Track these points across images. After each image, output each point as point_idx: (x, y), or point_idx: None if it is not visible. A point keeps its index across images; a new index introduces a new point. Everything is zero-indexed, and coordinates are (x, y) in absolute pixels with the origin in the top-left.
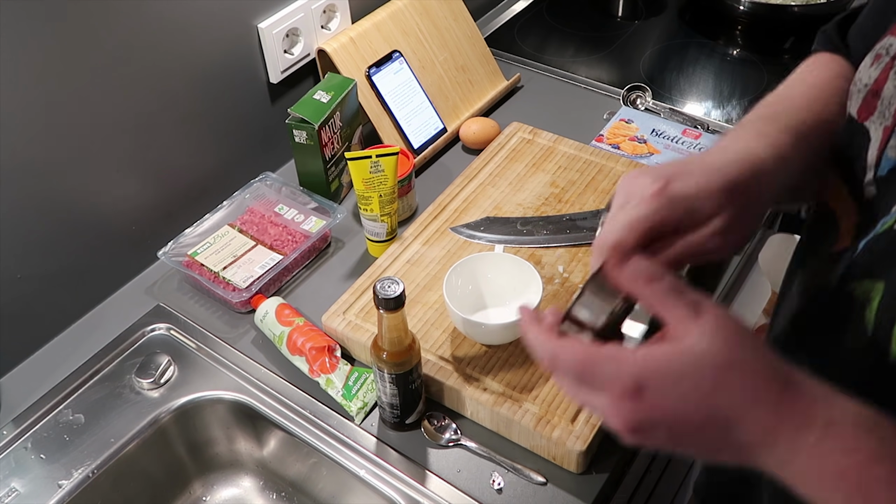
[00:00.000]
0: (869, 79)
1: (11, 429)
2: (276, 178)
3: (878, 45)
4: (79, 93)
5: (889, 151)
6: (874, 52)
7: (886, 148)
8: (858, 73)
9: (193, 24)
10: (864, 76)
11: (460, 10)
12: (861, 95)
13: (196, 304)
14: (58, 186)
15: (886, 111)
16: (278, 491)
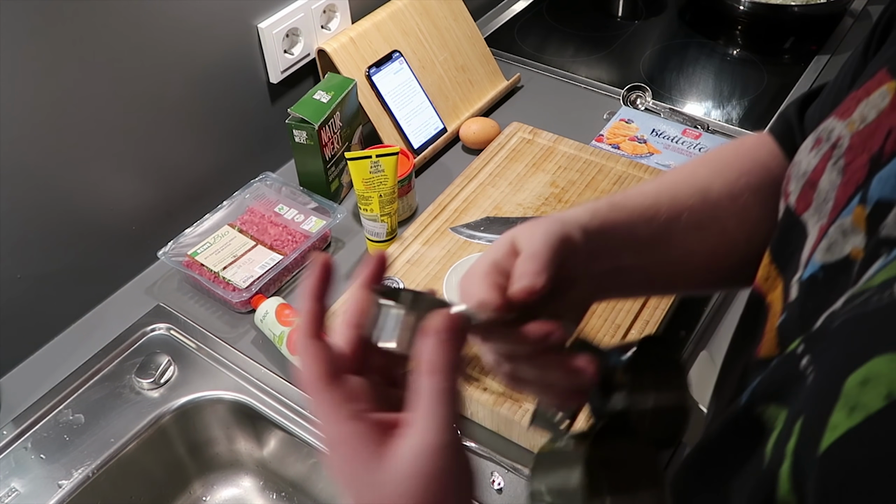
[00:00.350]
0: (808, 166)
1: (11, 429)
2: (276, 178)
3: (820, 126)
4: (79, 93)
5: (817, 254)
6: (816, 135)
7: (815, 250)
8: (798, 155)
9: (193, 24)
10: (803, 162)
11: (460, 10)
12: (799, 184)
13: (196, 304)
14: (58, 186)
15: (823, 208)
16: (278, 491)
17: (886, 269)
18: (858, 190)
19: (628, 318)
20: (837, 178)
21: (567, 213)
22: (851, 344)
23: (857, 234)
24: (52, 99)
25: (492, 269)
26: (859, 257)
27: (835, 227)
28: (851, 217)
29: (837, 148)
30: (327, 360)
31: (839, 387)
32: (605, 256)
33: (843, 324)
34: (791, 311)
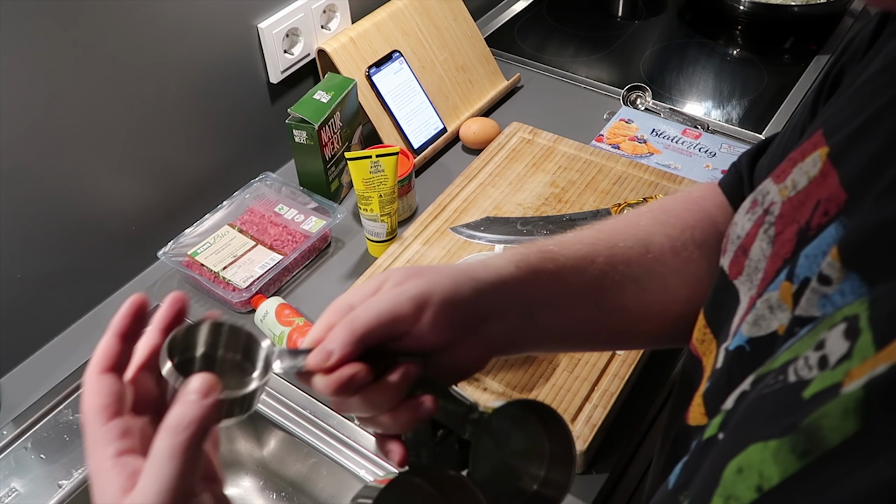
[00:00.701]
0: (742, 230)
1: (11, 429)
2: (276, 178)
3: (758, 188)
4: (79, 93)
5: (744, 326)
6: (752, 197)
7: (743, 322)
8: (736, 215)
9: (193, 24)
10: (738, 224)
11: (460, 10)
12: (733, 248)
13: (196, 304)
14: (58, 186)
15: (753, 277)
16: (278, 491)
17: (790, 349)
18: (786, 264)
19: (595, 373)
20: (768, 247)
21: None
22: (737, 430)
23: (784, 311)
24: (52, 99)
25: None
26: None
27: (762, 301)
28: (778, 292)
29: (769, 214)
30: (107, 395)
31: (720, 473)
32: (510, 313)
33: (746, 407)
34: (716, 381)
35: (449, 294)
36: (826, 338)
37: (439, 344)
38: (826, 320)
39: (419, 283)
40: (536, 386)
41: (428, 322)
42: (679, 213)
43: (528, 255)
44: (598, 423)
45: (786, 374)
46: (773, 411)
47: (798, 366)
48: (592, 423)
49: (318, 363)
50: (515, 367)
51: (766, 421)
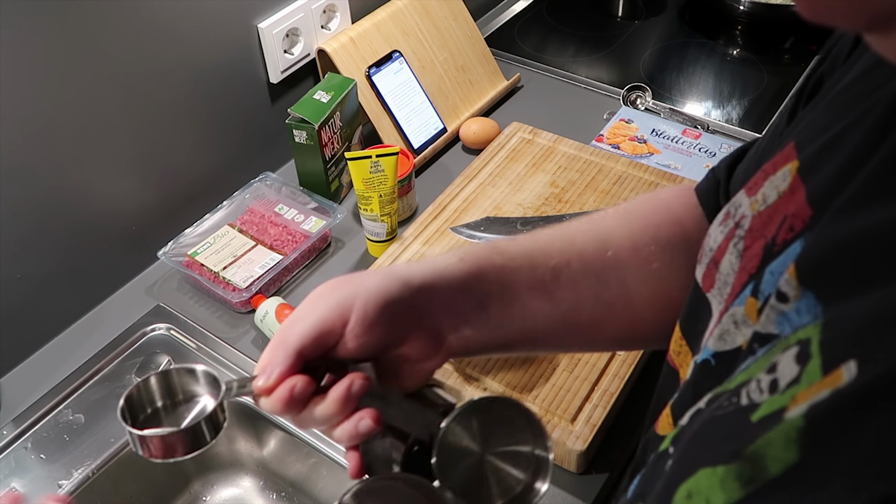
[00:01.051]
0: (714, 242)
1: (11, 429)
2: (276, 178)
3: (731, 201)
4: (79, 93)
5: (710, 341)
6: (726, 209)
7: (710, 337)
8: (711, 227)
9: (193, 23)
10: (712, 236)
11: (460, 10)
12: (706, 260)
13: (196, 304)
14: (58, 186)
15: (723, 290)
16: (278, 491)
17: (746, 370)
18: (751, 279)
19: (595, 373)
20: (736, 261)
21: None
22: (688, 452)
23: (749, 327)
24: (52, 99)
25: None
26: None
27: (728, 316)
28: (744, 308)
29: (740, 228)
30: None
31: (670, 497)
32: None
33: (699, 426)
34: (683, 393)
35: (373, 296)
36: (778, 361)
37: (377, 346)
38: (781, 342)
39: (344, 291)
40: (536, 386)
41: (355, 326)
42: (644, 212)
43: (475, 250)
44: (598, 423)
45: (739, 396)
46: (723, 435)
47: (750, 388)
48: (592, 423)
49: (262, 385)
50: (515, 367)
51: (715, 444)
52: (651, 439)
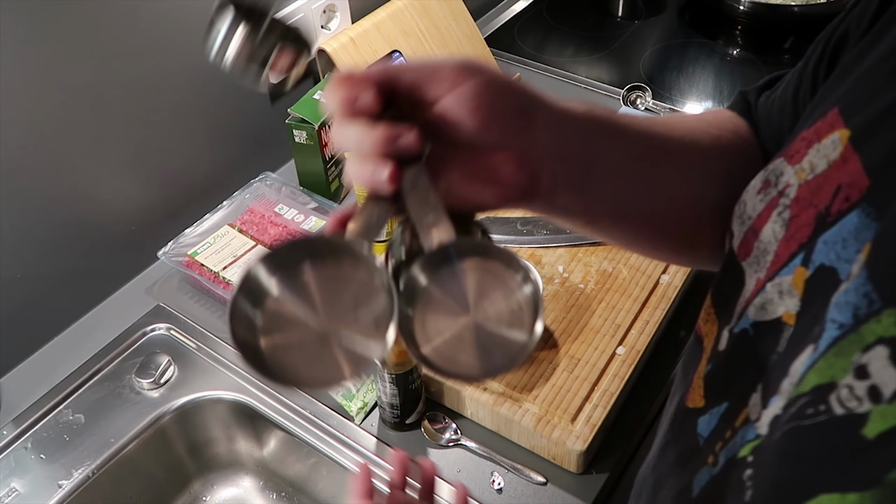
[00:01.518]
0: (753, 211)
1: (11, 429)
2: (276, 178)
3: (770, 166)
4: (79, 93)
5: (751, 310)
6: (764, 175)
7: (749, 306)
8: (745, 194)
9: (193, 23)
10: (748, 204)
11: (460, 10)
12: (742, 229)
13: (196, 304)
14: (58, 187)
15: (762, 259)
16: (278, 491)
17: (815, 370)
18: (802, 249)
19: (628, 318)
20: (781, 230)
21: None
22: (793, 471)
23: (793, 297)
24: (52, 100)
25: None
26: (791, 322)
27: (772, 285)
28: (791, 277)
29: (784, 197)
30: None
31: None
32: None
33: (785, 437)
34: (717, 363)
35: (501, 83)
36: (867, 363)
37: (471, 131)
38: (852, 337)
39: (473, 62)
40: (537, 385)
41: (466, 93)
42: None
43: (594, 109)
44: (598, 423)
45: (827, 403)
46: (832, 453)
47: (841, 396)
48: (592, 423)
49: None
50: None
51: (826, 465)
52: (684, 413)
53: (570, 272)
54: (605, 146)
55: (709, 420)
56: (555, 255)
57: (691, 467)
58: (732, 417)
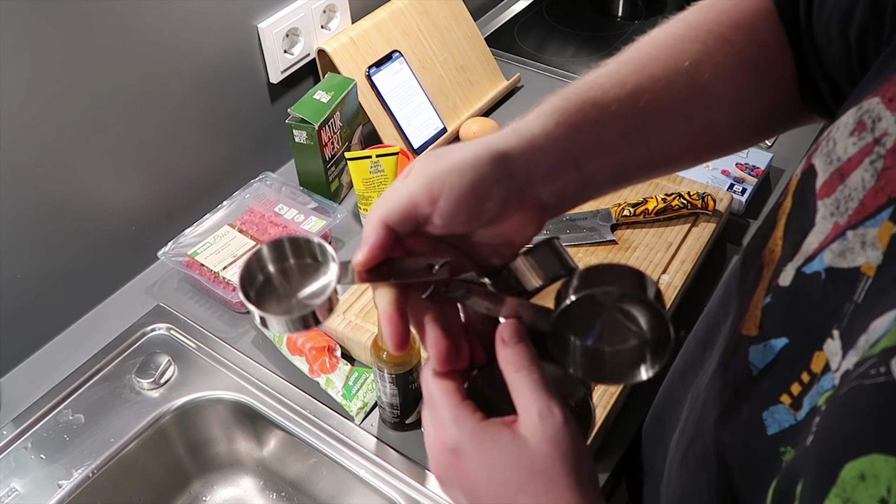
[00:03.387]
0: (844, 153)
1: (11, 429)
2: (276, 178)
3: (864, 104)
4: (79, 93)
5: (826, 254)
6: (858, 114)
7: (825, 249)
8: (836, 131)
9: (193, 23)
10: (839, 145)
11: (460, 10)
12: (828, 169)
13: (196, 304)
14: (58, 187)
15: (845, 205)
16: (278, 491)
17: (891, 332)
18: (891, 203)
19: None
20: (871, 179)
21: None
22: (850, 426)
23: (876, 250)
24: (51, 99)
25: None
26: (870, 274)
27: (855, 234)
28: (878, 230)
29: (880, 145)
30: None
31: (837, 471)
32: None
33: (849, 393)
34: (779, 298)
35: (466, 175)
36: None
37: (468, 224)
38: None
39: (434, 168)
40: None
41: (448, 205)
42: (727, 36)
43: (567, 106)
44: (597, 423)
45: (888, 366)
46: (886, 417)
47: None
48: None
49: (360, 258)
50: None
51: (883, 425)
52: (737, 340)
53: None
54: (590, 145)
55: (763, 351)
56: None
57: (750, 397)
58: (802, 358)
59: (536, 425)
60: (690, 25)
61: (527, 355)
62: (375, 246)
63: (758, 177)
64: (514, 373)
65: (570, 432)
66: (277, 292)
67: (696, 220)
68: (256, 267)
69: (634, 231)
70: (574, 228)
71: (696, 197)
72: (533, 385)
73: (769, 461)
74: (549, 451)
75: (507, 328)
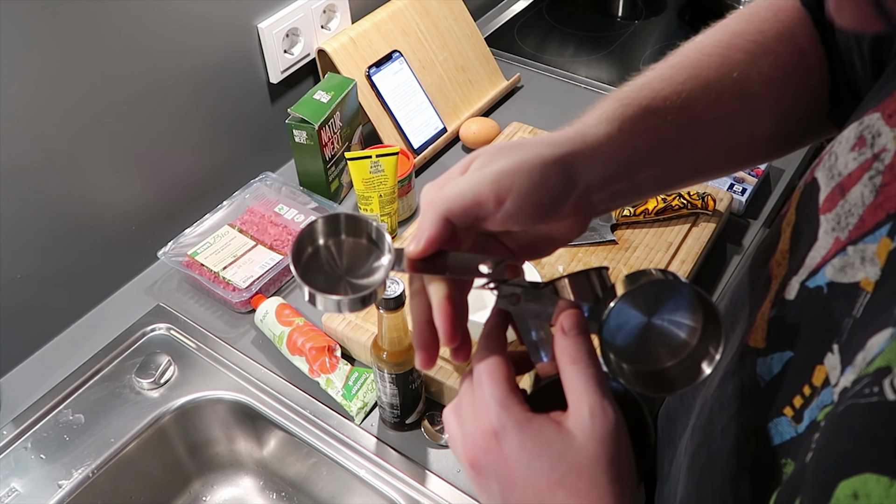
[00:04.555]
0: (844, 168)
1: (11, 429)
2: (276, 178)
3: (865, 119)
4: (79, 93)
5: (828, 269)
6: (859, 129)
7: (826, 264)
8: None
9: (193, 23)
10: (840, 159)
11: (460, 10)
12: (830, 184)
13: (196, 304)
14: (58, 187)
15: (845, 220)
16: (278, 491)
17: (886, 352)
18: (889, 219)
19: None
20: (870, 195)
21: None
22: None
23: (874, 266)
24: (51, 99)
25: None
26: (868, 289)
27: (854, 250)
28: (876, 246)
29: (878, 161)
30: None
31: (832, 489)
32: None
33: (844, 412)
34: (784, 310)
35: (534, 178)
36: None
37: (526, 223)
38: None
39: (503, 165)
40: None
41: (514, 206)
42: (772, 46)
43: (628, 113)
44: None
45: (881, 386)
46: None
47: (895, 382)
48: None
49: (413, 249)
50: None
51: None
52: (744, 350)
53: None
54: (646, 154)
55: (770, 364)
56: (555, 255)
57: (755, 407)
58: (804, 371)
59: (587, 422)
60: (735, 34)
61: (585, 348)
62: (432, 239)
63: (758, 177)
64: (569, 364)
65: (620, 435)
66: (324, 269)
67: (696, 220)
68: (308, 240)
69: (634, 231)
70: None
71: (696, 197)
72: (587, 379)
73: (771, 473)
74: (597, 451)
75: (568, 317)
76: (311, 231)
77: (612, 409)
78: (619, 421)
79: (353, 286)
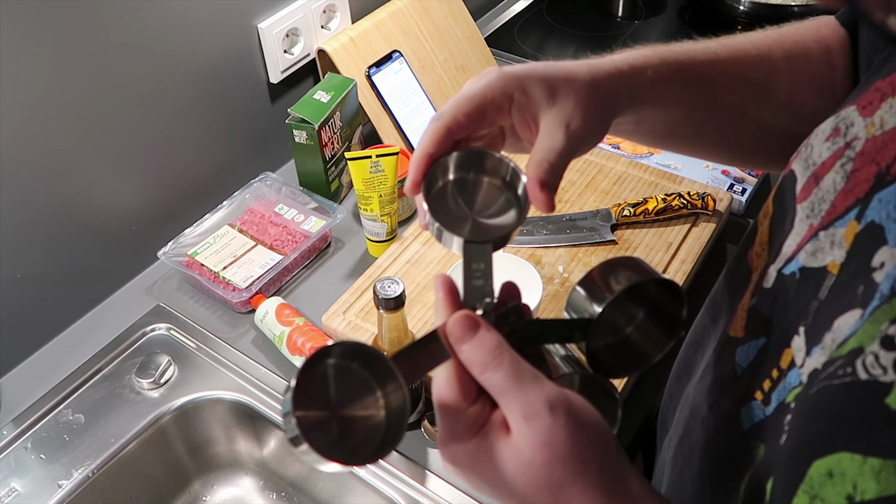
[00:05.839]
0: (819, 157)
1: (11, 429)
2: (276, 178)
3: (841, 113)
4: (79, 93)
5: (802, 255)
6: (835, 122)
7: (801, 251)
8: (814, 137)
9: (193, 23)
10: (816, 149)
11: (460, 10)
12: (806, 174)
13: (196, 304)
14: (58, 187)
15: (818, 207)
16: (278, 491)
17: (857, 334)
18: (858, 203)
19: None
20: (841, 182)
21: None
22: (818, 425)
23: (841, 249)
24: (51, 99)
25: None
26: (834, 272)
27: (825, 234)
28: (844, 230)
29: (850, 149)
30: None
31: (805, 468)
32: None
33: (818, 393)
34: (762, 299)
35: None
36: (894, 335)
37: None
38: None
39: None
40: None
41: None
42: (808, 47)
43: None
44: None
45: (853, 367)
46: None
47: (867, 362)
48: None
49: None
50: None
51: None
52: (725, 341)
53: (571, 272)
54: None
55: (747, 351)
56: (555, 255)
57: (731, 394)
58: (774, 355)
59: (525, 430)
60: (780, 33)
61: (488, 346)
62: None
63: (758, 177)
64: (480, 375)
65: (564, 426)
66: (451, 206)
67: (696, 220)
68: (439, 173)
69: (634, 231)
70: (574, 228)
71: (696, 197)
72: (504, 382)
73: (743, 456)
74: (547, 459)
75: (456, 323)
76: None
77: (544, 401)
78: (555, 408)
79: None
